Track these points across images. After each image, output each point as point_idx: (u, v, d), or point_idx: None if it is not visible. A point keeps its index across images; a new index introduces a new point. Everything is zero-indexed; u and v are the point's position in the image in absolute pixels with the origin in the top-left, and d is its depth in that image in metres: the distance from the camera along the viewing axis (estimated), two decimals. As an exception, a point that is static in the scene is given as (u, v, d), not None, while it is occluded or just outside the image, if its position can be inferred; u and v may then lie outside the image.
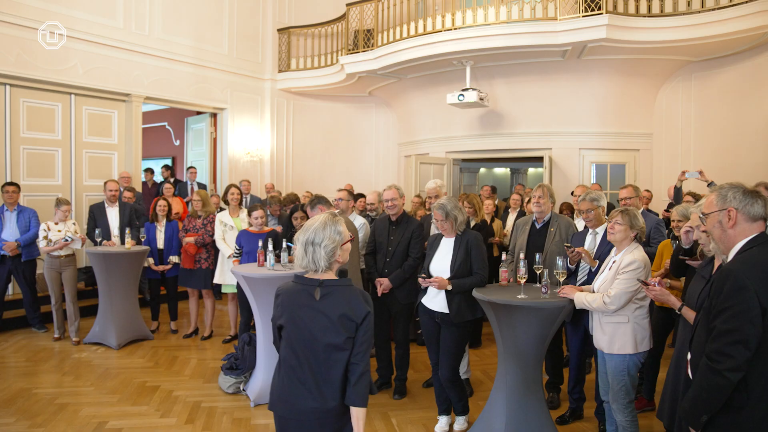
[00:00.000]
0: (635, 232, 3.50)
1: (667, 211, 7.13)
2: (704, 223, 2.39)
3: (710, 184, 6.52)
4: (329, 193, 10.08)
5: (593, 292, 3.60)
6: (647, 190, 7.87)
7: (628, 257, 3.45)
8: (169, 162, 12.62)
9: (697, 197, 6.36)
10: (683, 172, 6.77)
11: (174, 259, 6.77)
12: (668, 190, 7.27)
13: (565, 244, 4.34)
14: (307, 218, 5.31)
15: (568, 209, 7.44)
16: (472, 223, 6.28)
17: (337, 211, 5.42)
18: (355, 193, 9.60)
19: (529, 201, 5.75)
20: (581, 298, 3.54)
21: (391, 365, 5.16)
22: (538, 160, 9.76)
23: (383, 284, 4.81)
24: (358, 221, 5.52)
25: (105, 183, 7.25)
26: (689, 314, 2.77)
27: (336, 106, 11.79)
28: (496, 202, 9.49)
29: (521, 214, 7.71)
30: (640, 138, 9.33)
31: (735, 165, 8.12)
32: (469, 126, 10.08)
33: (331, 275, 2.43)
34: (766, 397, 2.06)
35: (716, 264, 2.73)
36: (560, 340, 4.92)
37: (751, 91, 8.03)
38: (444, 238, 4.25)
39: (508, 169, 13.48)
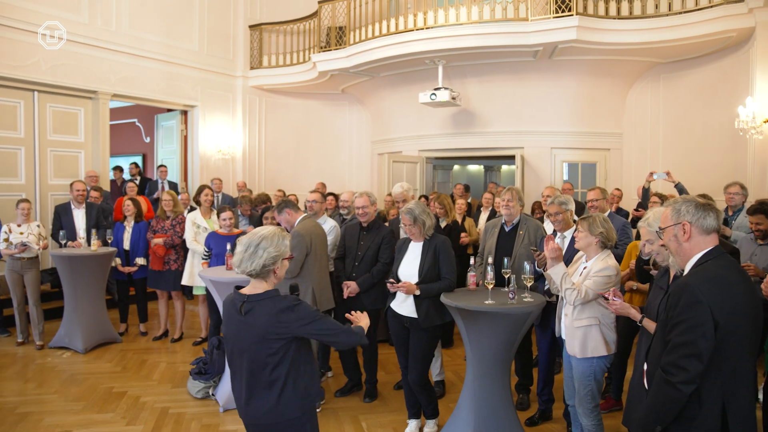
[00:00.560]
0: (597, 238, 3.52)
1: (636, 210, 7.24)
2: (661, 237, 2.42)
3: (677, 185, 6.65)
4: (302, 191, 10.06)
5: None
6: (617, 189, 7.98)
7: (599, 264, 3.47)
8: (139, 159, 12.39)
9: (663, 197, 6.45)
10: (651, 173, 6.88)
11: (140, 261, 6.65)
12: (637, 189, 7.37)
13: (532, 248, 4.37)
14: (276, 222, 5.28)
15: (540, 209, 7.50)
16: (443, 224, 6.30)
17: (311, 214, 5.38)
18: (326, 192, 9.58)
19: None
20: (560, 272, 3.50)
21: (357, 367, 5.14)
22: (511, 158, 9.83)
23: (350, 287, 4.78)
24: (328, 224, 5.48)
25: (71, 184, 7.09)
26: (650, 325, 2.80)
27: (309, 104, 11.70)
28: (470, 200, 9.55)
29: (493, 213, 7.75)
30: (610, 137, 9.46)
31: (702, 164, 8.28)
32: (442, 125, 10.10)
33: (265, 287, 2.48)
34: (717, 408, 2.10)
35: (671, 274, 2.77)
36: (529, 342, 4.96)
37: (716, 92, 8.19)
38: (412, 242, 4.24)
39: (482, 167, 13.55)
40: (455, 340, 6.66)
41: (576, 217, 4.36)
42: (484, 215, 8.02)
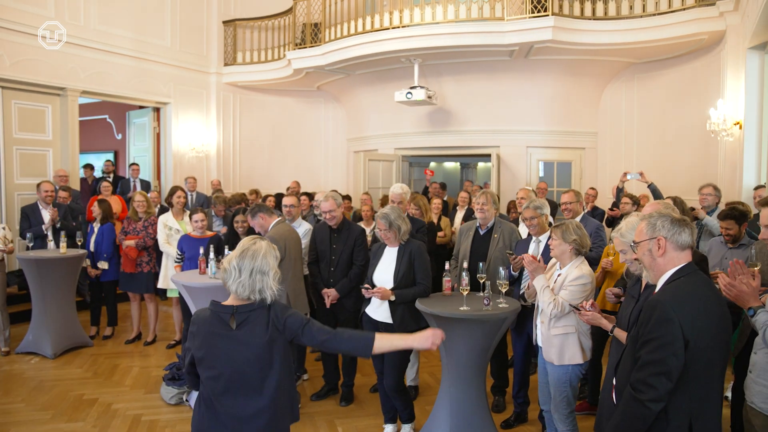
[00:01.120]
0: (571, 246, 3.53)
1: (611, 209, 7.31)
2: (635, 251, 2.41)
3: (650, 185, 6.73)
4: (278, 189, 9.98)
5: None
6: (592, 188, 8.05)
7: (575, 271, 3.48)
8: (110, 157, 12.14)
9: (635, 199, 6.52)
10: (625, 174, 6.95)
11: (102, 265, 6.51)
12: (612, 189, 7.45)
13: (508, 251, 4.38)
14: (249, 226, 5.21)
15: (516, 208, 7.53)
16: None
17: (288, 219, 5.32)
18: (300, 191, 9.51)
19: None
20: (542, 285, 3.53)
21: (337, 371, 5.12)
22: (487, 156, 9.88)
23: (330, 295, 4.75)
24: (303, 228, 5.43)
25: (38, 184, 6.88)
26: (621, 335, 2.82)
27: (284, 101, 11.58)
28: (446, 198, 9.55)
29: (470, 212, 7.78)
30: (585, 136, 9.55)
31: (674, 164, 8.41)
32: (418, 123, 10.09)
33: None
34: (684, 426, 2.11)
35: (643, 283, 2.79)
36: (504, 344, 4.97)
37: (689, 93, 8.31)
38: (387, 247, 4.22)
39: (458, 164, 13.58)
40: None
41: (552, 219, 4.38)
42: (460, 214, 8.04)
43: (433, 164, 12.92)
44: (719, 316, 2.18)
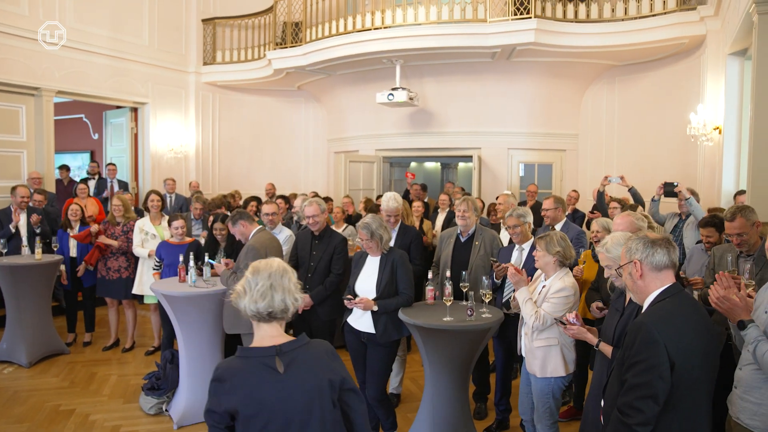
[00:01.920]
0: (555, 257, 3.52)
1: (592, 212, 7.35)
2: (621, 276, 2.46)
3: (630, 189, 6.78)
4: (257, 190, 9.88)
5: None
6: (574, 191, 8.08)
7: (558, 283, 3.48)
8: (86, 157, 11.93)
9: (621, 202, 6.52)
10: (606, 177, 6.98)
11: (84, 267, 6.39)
12: (593, 191, 7.49)
13: (492, 259, 4.37)
14: (229, 233, 5.12)
15: (496, 211, 7.54)
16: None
17: (270, 227, 5.25)
18: (275, 193, 9.43)
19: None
20: (524, 297, 3.53)
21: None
22: (469, 157, 9.88)
23: (304, 300, 4.66)
24: (284, 234, 5.36)
25: (14, 188, 6.70)
26: (606, 349, 2.83)
27: (264, 100, 11.46)
28: (426, 200, 9.53)
29: (451, 214, 7.75)
30: (566, 138, 9.59)
31: (654, 167, 8.48)
32: (399, 124, 10.05)
33: (281, 329, 2.03)
34: None
35: (627, 297, 2.79)
36: (486, 350, 4.96)
37: (670, 95, 8.39)
38: (369, 256, 4.19)
39: (439, 164, 13.58)
40: (413, 345, 6.63)
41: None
42: (441, 216, 8.01)
43: (413, 164, 12.89)
44: (705, 334, 2.19)
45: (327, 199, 8.77)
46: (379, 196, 9.13)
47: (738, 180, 6.22)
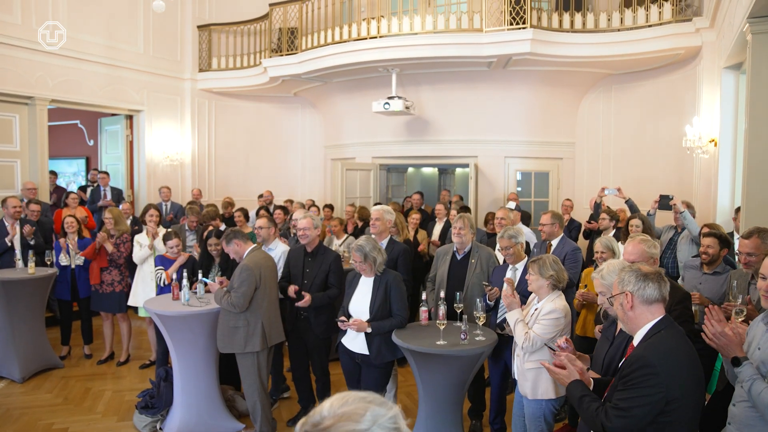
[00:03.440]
0: (548, 281, 3.52)
1: (588, 222, 7.35)
2: (612, 305, 2.49)
3: (627, 201, 6.79)
4: (253, 197, 9.85)
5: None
6: (568, 200, 8.05)
7: (548, 305, 3.48)
8: (82, 163, 11.88)
9: (613, 214, 6.53)
10: (602, 189, 7.00)
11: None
12: (589, 201, 7.48)
13: (484, 283, 4.37)
14: (222, 250, 5.08)
15: (493, 220, 7.51)
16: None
17: (260, 242, 5.22)
18: (272, 200, 9.41)
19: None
20: (515, 319, 3.54)
21: (312, 395, 5.06)
22: (466, 165, 9.87)
23: (305, 298, 4.60)
24: (279, 249, 5.33)
25: (4, 200, 6.67)
26: (594, 377, 2.83)
27: (260, 107, 11.41)
28: (423, 207, 9.52)
29: (448, 224, 7.74)
30: (563, 147, 9.57)
31: (651, 176, 8.49)
32: (396, 132, 10.02)
33: None
34: None
35: (619, 326, 2.78)
36: (482, 367, 4.96)
37: (666, 105, 8.38)
38: (363, 277, 4.18)
39: (436, 169, 13.56)
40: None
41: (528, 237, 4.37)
42: (438, 226, 8.00)
43: (411, 170, 12.87)
44: (696, 370, 2.26)
45: (328, 207, 8.79)
46: (377, 203, 9.13)
47: (733, 193, 6.21)
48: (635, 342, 2.38)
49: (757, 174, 4.68)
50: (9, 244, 6.50)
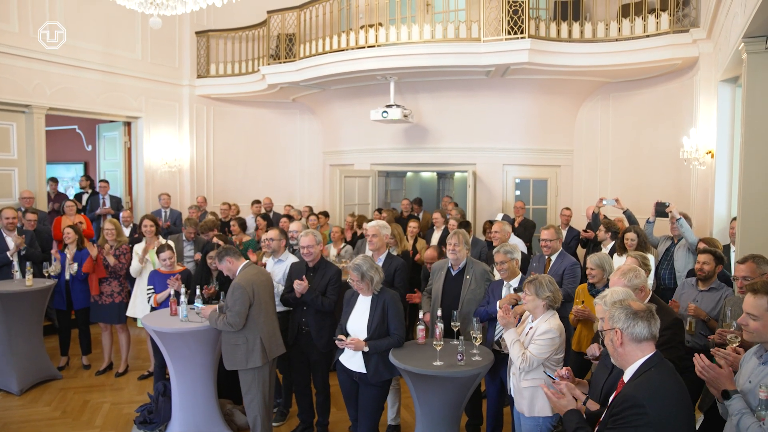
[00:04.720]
0: (544, 302, 3.54)
1: (585, 231, 7.37)
2: (604, 338, 2.51)
3: (626, 212, 6.80)
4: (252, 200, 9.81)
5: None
6: (567, 209, 8.08)
7: (543, 325, 3.50)
8: (80, 168, 11.87)
9: (611, 226, 6.52)
10: (601, 199, 7.01)
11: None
12: (587, 210, 7.49)
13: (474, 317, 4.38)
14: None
15: (491, 228, 7.51)
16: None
17: (269, 253, 5.24)
18: (272, 208, 9.42)
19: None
20: (512, 339, 3.56)
21: (312, 410, 5.07)
22: (465, 171, 9.89)
23: (303, 284, 4.60)
24: (290, 261, 5.28)
25: (0, 211, 6.65)
26: (592, 406, 2.84)
27: (259, 112, 11.41)
28: (421, 215, 9.53)
29: (446, 232, 7.74)
30: (561, 154, 9.58)
31: (648, 184, 8.51)
32: (394, 139, 10.03)
33: None
34: None
35: None
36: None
37: (663, 114, 8.40)
38: (361, 296, 4.19)
39: (435, 174, 13.57)
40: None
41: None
42: (437, 234, 8.01)
43: (410, 174, 12.87)
44: (686, 406, 2.26)
45: (323, 214, 8.79)
46: (378, 209, 9.15)
47: (730, 204, 6.23)
48: (625, 378, 2.40)
49: (753, 187, 4.71)
50: (11, 257, 6.49)
